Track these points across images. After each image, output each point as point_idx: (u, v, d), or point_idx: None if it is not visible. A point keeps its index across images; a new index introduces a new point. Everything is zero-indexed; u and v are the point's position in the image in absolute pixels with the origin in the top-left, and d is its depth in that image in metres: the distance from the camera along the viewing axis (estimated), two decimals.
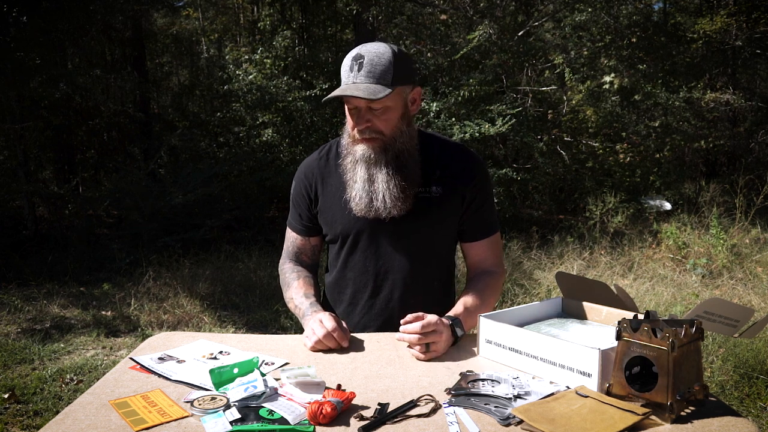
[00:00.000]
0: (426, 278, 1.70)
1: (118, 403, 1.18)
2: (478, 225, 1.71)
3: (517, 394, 1.18)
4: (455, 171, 1.67)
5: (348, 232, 1.67)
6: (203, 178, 7.92)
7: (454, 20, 9.27)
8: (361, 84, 1.50)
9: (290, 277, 1.74)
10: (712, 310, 1.31)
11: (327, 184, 1.71)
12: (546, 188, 8.98)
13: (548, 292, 4.96)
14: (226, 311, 5.13)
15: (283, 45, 9.51)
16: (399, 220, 1.62)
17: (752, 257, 5.87)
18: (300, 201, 1.75)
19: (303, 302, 1.65)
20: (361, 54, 1.52)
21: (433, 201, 1.64)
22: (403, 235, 1.65)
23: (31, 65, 7.36)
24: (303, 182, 1.74)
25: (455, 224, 1.70)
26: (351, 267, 1.71)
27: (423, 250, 1.68)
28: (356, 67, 1.51)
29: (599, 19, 8.20)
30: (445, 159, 1.68)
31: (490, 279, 1.70)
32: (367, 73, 1.50)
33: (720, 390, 3.35)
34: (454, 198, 1.66)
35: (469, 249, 1.74)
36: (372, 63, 1.50)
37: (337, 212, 1.68)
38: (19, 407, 3.30)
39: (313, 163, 1.75)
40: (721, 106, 10.98)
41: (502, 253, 1.79)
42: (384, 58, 1.51)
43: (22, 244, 7.48)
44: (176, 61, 13.72)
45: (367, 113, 1.55)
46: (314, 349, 1.47)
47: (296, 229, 1.79)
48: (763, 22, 11.62)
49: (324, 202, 1.71)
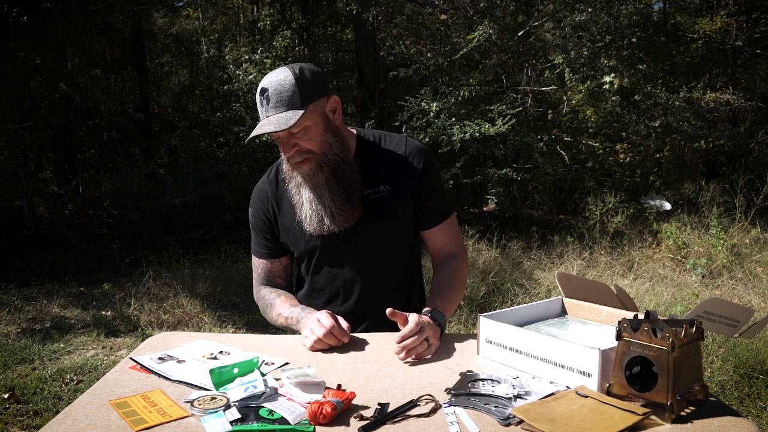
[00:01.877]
0: (391, 272, 1.73)
1: (118, 403, 1.18)
2: (433, 211, 1.74)
3: (517, 394, 1.18)
4: (399, 165, 1.69)
5: (310, 249, 1.70)
6: (203, 178, 7.92)
7: (454, 20, 9.27)
8: (272, 117, 1.52)
9: (270, 297, 1.74)
10: (712, 310, 1.31)
11: (282, 206, 1.73)
12: (546, 188, 8.98)
13: (548, 292, 4.96)
14: (226, 311, 5.13)
15: (283, 45, 9.52)
16: (354, 227, 1.64)
17: (752, 257, 5.87)
18: (261, 226, 1.76)
19: (293, 311, 1.65)
20: (264, 87, 1.53)
21: (384, 200, 1.66)
22: (362, 239, 1.67)
23: (31, 65, 7.36)
24: (260, 207, 1.76)
25: (410, 216, 1.73)
26: (320, 278, 1.74)
27: (384, 248, 1.70)
28: (264, 101, 1.53)
29: (599, 19, 8.20)
30: (386, 156, 1.70)
31: (454, 261, 1.74)
32: (275, 103, 1.52)
33: (720, 390, 3.35)
34: (404, 192, 1.69)
35: (428, 236, 1.77)
36: (276, 92, 1.52)
37: (297, 232, 1.70)
38: (19, 407, 3.30)
39: (264, 187, 1.77)
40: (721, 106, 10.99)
41: (460, 234, 1.83)
42: (286, 84, 1.52)
43: (22, 244, 7.48)
44: (176, 61, 13.72)
45: (291, 138, 1.56)
46: (314, 349, 1.47)
47: (263, 255, 1.79)
48: (763, 22, 11.62)
49: (283, 224, 1.73)
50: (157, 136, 10.00)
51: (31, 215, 8.21)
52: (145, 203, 7.24)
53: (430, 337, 1.43)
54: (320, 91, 1.57)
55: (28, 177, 8.33)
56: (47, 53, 7.62)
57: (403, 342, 1.39)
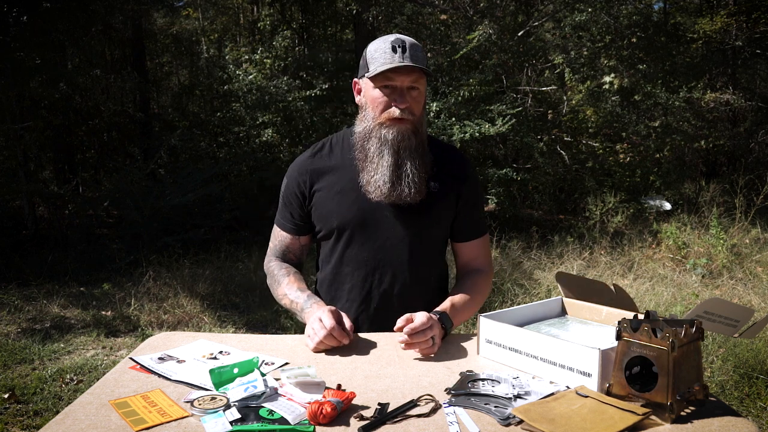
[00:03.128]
0: (422, 274, 1.71)
1: (118, 403, 1.18)
2: (471, 225, 1.74)
3: (517, 394, 1.18)
4: (451, 169, 1.70)
5: (345, 226, 1.66)
6: (203, 178, 7.92)
7: (454, 20, 9.27)
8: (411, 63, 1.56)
9: (279, 273, 1.72)
10: (712, 310, 1.31)
11: (321, 180, 1.70)
12: (546, 188, 8.98)
13: (548, 292, 4.96)
14: (226, 311, 5.13)
15: (283, 45, 9.51)
16: (399, 213, 1.63)
17: (752, 257, 5.87)
18: (292, 199, 1.73)
19: (299, 296, 1.63)
20: (402, 39, 1.58)
21: (432, 196, 1.66)
22: (402, 227, 1.65)
23: (31, 65, 7.36)
24: (296, 180, 1.72)
25: (449, 222, 1.72)
26: (347, 262, 1.70)
27: (420, 244, 1.68)
28: (399, 49, 1.56)
29: (599, 19, 8.20)
30: (439, 156, 1.70)
31: (478, 277, 1.73)
32: (411, 56, 1.56)
33: (720, 390, 3.35)
34: (449, 196, 1.69)
35: (460, 249, 1.76)
36: (414, 48, 1.58)
37: (333, 206, 1.67)
38: (19, 407, 3.30)
39: (305, 161, 1.73)
40: (721, 106, 10.99)
41: (490, 254, 1.83)
42: (419, 47, 1.60)
43: (22, 244, 7.48)
44: (176, 61, 13.71)
45: (409, 92, 1.59)
46: (317, 350, 1.46)
47: (286, 228, 1.76)
48: (763, 22, 11.62)
49: (318, 198, 1.70)
50: (157, 136, 9.99)
51: (31, 215, 8.21)
52: (145, 203, 7.23)
53: (436, 336, 1.43)
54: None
55: (28, 177, 8.33)
56: (47, 53, 7.62)
57: (412, 334, 1.39)
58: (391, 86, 1.58)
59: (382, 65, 1.55)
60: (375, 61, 1.58)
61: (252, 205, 8.54)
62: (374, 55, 1.58)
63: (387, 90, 1.58)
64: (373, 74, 1.56)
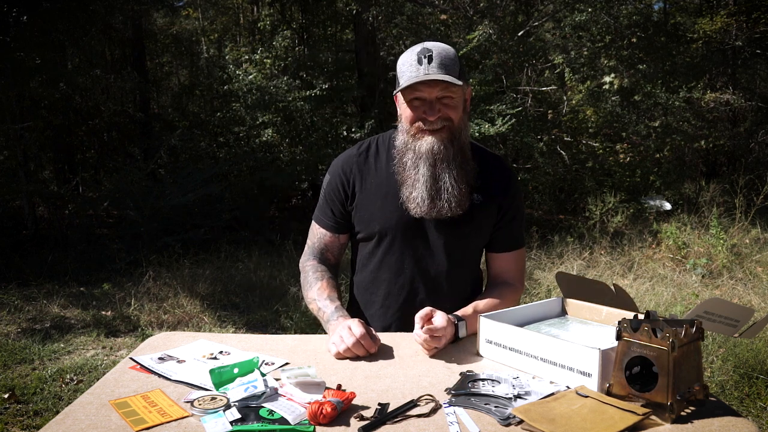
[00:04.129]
0: (460, 284, 1.70)
1: (118, 403, 1.18)
2: (508, 237, 1.72)
3: (517, 394, 1.18)
4: (494, 181, 1.67)
5: (386, 231, 1.64)
6: (203, 178, 7.92)
7: (454, 20, 9.27)
8: (438, 73, 1.50)
9: (313, 277, 1.69)
10: (712, 310, 1.31)
11: (365, 181, 1.67)
12: (546, 188, 8.98)
13: (548, 292, 4.96)
14: (226, 311, 5.13)
15: (283, 45, 9.51)
16: (441, 223, 1.61)
17: (752, 257, 5.87)
18: (334, 196, 1.69)
19: (327, 306, 1.60)
20: (428, 48, 1.53)
21: (474, 208, 1.63)
22: (443, 238, 1.63)
23: (31, 65, 7.36)
24: (340, 177, 1.68)
25: (489, 234, 1.70)
26: (386, 267, 1.68)
27: (460, 255, 1.67)
28: (425, 60, 1.51)
29: (599, 19, 8.20)
30: (483, 166, 1.67)
31: (507, 290, 1.69)
32: (438, 64, 1.51)
33: (720, 390, 3.35)
34: (491, 207, 1.66)
35: (494, 260, 1.74)
36: (441, 56, 1.52)
37: (376, 210, 1.64)
38: (19, 407, 3.30)
39: (351, 158, 1.70)
40: (721, 106, 10.99)
41: (524, 269, 1.79)
42: (450, 53, 1.54)
43: (22, 244, 7.48)
44: (176, 61, 13.70)
45: (438, 103, 1.54)
46: (340, 357, 1.42)
47: (326, 225, 1.72)
48: (763, 22, 11.62)
49: (361, 199, 1.66)
50: (157, 136, 9.99)
51: (31, 215, 8.20)
52: (145, 203, 7.23)
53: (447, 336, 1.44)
54: (466, 75, 1.60)
55: (28, 177, 8.32)
56: (47, 53, 7.61)
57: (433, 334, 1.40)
58: (420, 98, 1.54)
59: (408, 80, 1.52)
60: (403, 75, 1.55)
61: (252, 205, 8.54)
62: (402, 69, 1.56)
63: (417, 102, 1.55)
64: (401, 89, 1.54)
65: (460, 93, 1.56)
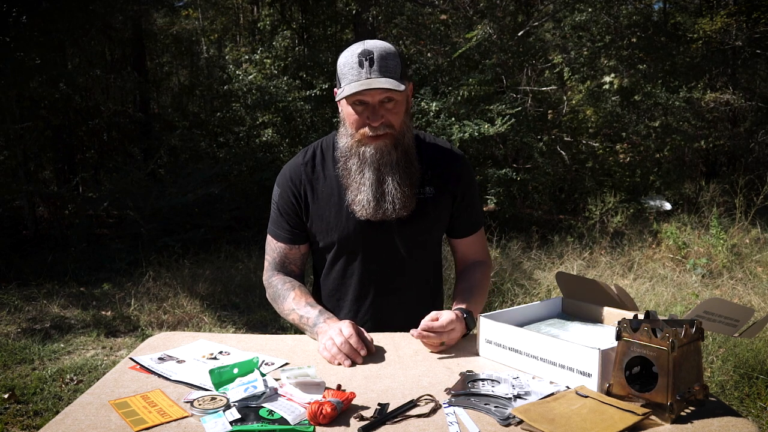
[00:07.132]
0: (423, 273, 1.72)
1: (118, 403, 1.18)
2: (469, 222, 1.74)
3: (517, 394, 1.18)
4: (445, 170, 1.67)
5: (346, 239, 1.63)
6: (203, 178, 7.92)
7: (453, 20, 9.27)
8: (379, 78, 1.47)
9: (283, 288, 1.65)
10: (712, 310, 1.31)
11: (316, 191, 1.65)
12: (546, 188, 8.98)
13: (548, 292, 4.96)
14: (226, 311, 5.13)
15: (283, 45, 9.52)
16: (398, 223, 1.61)
17: (752, 257, 5.87)
18: (288, 208, 1.67)
19: (309, 311, 1.57)
20: (368, 50, 1.48)
21: (428, 202, 1.64)
22: (403, 235, 1.64)
23: (31, 65, 7.35)
24: (291, 189, 1.66)
25: (446, 223, 1.72)
26: (350, 273, 1.67)
27: (419, 251, 1.68)
28: (367, 62, 1.47)
29: (599, 19, 8.21)
30: (432, 157, 1.67)
31: (481, 268, 1.75)
32: (379, 68, 1.47)
33: (720, 390, 3.35)
34: (445, 197, 1.67)
35: (459, 244, 1.76)
36: (382, 57, 1.48)
37: (332, 219, 1.63)
38: (19, 407, 3.30)
39: (298, 168, 1.67)
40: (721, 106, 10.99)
41: (487, 244, 1.83)
42: (392, 54, 1.50)
43: (22, 244, 7.48)
44: (176, 61, 13.70)
45: (381, 108, 1.51)
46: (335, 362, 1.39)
47: (284, 239, 1.69)
48: (763, 22, 11.62)
49: (315, 210, 1.65)
50: (157, 136, 9.99)
51: (31, 215, 8.20)
52: (145, 203, 7.23)
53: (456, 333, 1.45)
54: (407, 73, 1.57)
55: (28, 177, 8.32)
56: (47, 53, 7.61)
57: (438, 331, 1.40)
58: (363, 102, 1.52)
59: (349, 84, 1.49)
60: (344, 78, 1.51)
61: (252, 205, 8.54)
62: (343, 71, 1.52)
63: (360, 107, 1.52)
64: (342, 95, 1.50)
65: (403, 94, 1.54)
